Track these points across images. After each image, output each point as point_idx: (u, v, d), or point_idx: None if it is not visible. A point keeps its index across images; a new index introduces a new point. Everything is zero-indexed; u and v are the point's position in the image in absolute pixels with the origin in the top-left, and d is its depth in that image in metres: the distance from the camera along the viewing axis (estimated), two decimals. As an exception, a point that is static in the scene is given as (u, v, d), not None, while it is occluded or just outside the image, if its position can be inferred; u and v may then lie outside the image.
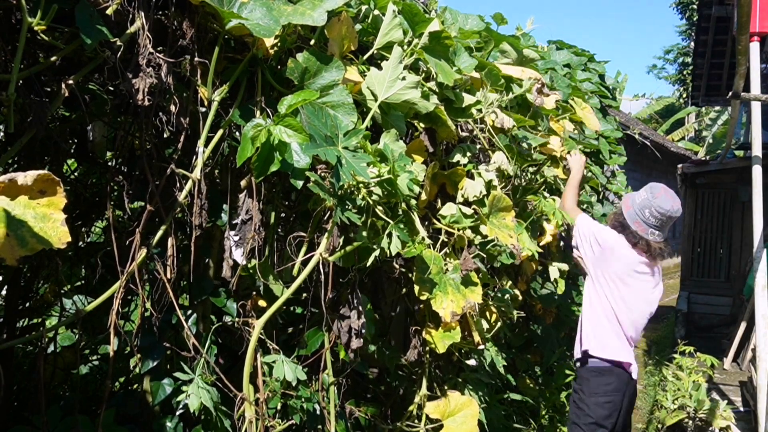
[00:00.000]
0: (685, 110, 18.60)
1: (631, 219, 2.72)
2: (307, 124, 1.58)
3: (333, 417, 1.98)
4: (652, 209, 2.68)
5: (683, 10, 20.91)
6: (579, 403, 2.75)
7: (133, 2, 1.48)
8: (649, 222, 2.69)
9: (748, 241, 6.64)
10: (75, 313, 1.58)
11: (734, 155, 7.99)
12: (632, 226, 2.71)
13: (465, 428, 2.19)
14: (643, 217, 2.70)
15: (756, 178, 3.74)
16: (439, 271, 2.03)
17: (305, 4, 1.65)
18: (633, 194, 2.84)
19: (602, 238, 2.78)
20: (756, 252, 3.74)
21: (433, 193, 2.27)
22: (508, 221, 2.29)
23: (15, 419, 1.91)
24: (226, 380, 1.70)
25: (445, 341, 2.13)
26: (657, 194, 2.72)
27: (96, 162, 2.16)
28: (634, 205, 2.74)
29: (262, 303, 1.91)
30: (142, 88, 1.45)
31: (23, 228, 1.05)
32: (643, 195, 2.75)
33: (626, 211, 2.76)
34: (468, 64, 2.27)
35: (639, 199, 2.75)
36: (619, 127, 4.76)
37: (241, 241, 1.72)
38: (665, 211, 2.68)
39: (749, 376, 5.32)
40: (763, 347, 3.56)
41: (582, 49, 4.37)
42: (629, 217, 2.74)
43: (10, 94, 1.26)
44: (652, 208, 2.68)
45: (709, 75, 8.00)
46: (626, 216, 2.75)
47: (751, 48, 3.82)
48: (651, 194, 2.72)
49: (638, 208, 2.72)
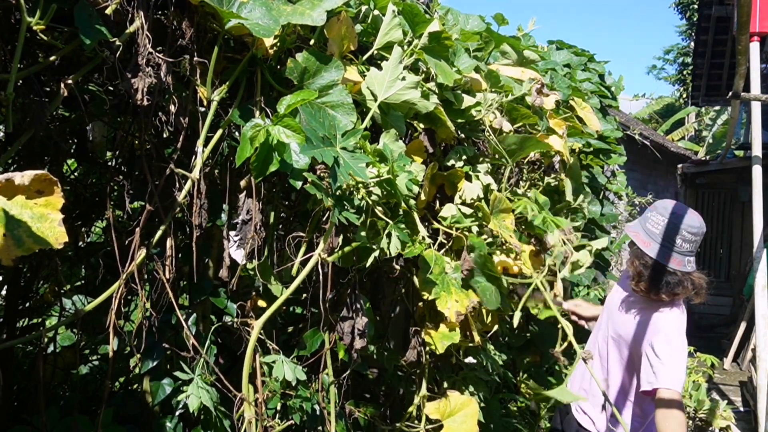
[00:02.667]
0: (685, 110, 18.59)
1: (661, 256, 2.03)
2: (306, 125, 1.58)
3: (333, 417, 1.98)
4: (683, 232, 2.03)
5: (683, 10, 20.91)
6: None
7: (133, 2, 1.48)
8: (683, 250, 2.03)
9: (748, 241, 6.64)
10: (75, 313, 1.58)
11: (734, 155, 8.00)
12: (670, 266, 2.02)
13: (465, 428, 2.19)
14: (677, 247, 2.02)
15: (756, 178, 3.74)
16: (441, 272, 2.03)
17: (304, 4, 1.65)
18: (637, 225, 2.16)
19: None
20: (756, 252, 3.74)
21: (432, 193, 2.26)
22: (508, 223, 2.29)
23: (15, 419, 1.91)
24: (226, 380, 1.70)
25: (444, 341, 2.13)
26: (677, 212, 2.07)
27: (96, 162, 2.16)
28: (653, 236, 2.05)
29: (262, 303, 1.91)
30: (142, 88, 1.45)
31: (20, 228, 1.04)
32: (657, 220, 2.09)
33: (647, 248, 2.05)
34: (467, 65, 2.27)
35: (655, 228, 2.06)
36: (619, 127, 4.76)
37: (242, 241, 1.72)
38: (698, 229, 2.04)
39: (749, 376, 5.32)
40: (763, 347, 3.56)
41: (582, 49, 4.36)
42: (658, 254, 2.03)
43: (9, 93, 1.25)
44: (683, 230, 2.03)
45: (709, 75, 8.02)
46: (652, 254, 2.04)
47: (751, 48, 3.82)
48: (670, 217, 2.06)
49: (664, 238, 2.03)
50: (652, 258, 2.05)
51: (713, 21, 6.85)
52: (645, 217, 2.15)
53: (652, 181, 12.51)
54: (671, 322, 2.07)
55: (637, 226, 2.17)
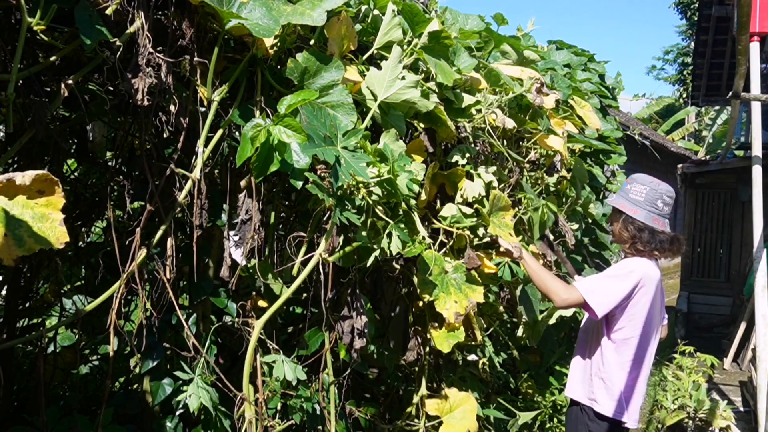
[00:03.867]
0: (685, 110, 18.59)
1: (649, 219, 2.33)
2: (306, 124, 1.58)
3: (333, 417, 1.98)
4: (663, 197, 2.35)
5: (683, 10, 20.91)
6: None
7: (133, 2, 1.48)
8: (664, 213, 2.35)
9: (748, 241, 6.65)
10: (75, 313, 1.58)
11: (734, 155, 8.00)
12: (657, 226, 2.32)
13: (464, 424, 2.20)
14: (659, 211, 2.34)
15: (756, 178, 3.74)
16: (440, 272, 2.03)
17: (305, 4, 1.65)
18: (621, 195, 2.43)
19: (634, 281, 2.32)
20: (756, 252, 3.74)
21: (433, 193, 2.27)
22: (507, 220, 2.29)
23: (15, 419, 1.90)
24: (226, 380, 1.70)
25: (449, 341, 2.13)
26: (654, 181, 2.39)
27: (96, 162, 2.16)
28: (639, 204, 2.35)
29: (262, 303, 1.91)
30: (142, 88, 1.45)
31: (21, 228, 1.05)
32: (639, 189, 2.37)
33: (635, 214, 2.34)
34: (467, 64, 2.27)
35: (640, 196, 2.36)
36: (619, 126, 4.76)
37: (241, 241, 1.72)
38: (673, 194, 2.37)
39: (749, 376, 5.32)
40: (763, 347, 3.56)
41: (582, 49, 4.37)
42: (646, 218, 2.33)
43: (9, 94, 1.25)
44: (663, 195, 2.35)
45: (709, 75, 8.01)
46: (642, 219, 2.33)
47: (751, 48, 3.82)
48: (650, 185, 2.37)
49: (647, 204, 2.34)
50: (642, 222, 2.34)
51: (713, 21, 6.85)
52: (625, 190, 2.42)
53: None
54: (633, 261, 2.36)
55: (620, 198, 2.43)
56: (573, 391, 2.52)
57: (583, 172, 3.38)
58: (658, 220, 2.35)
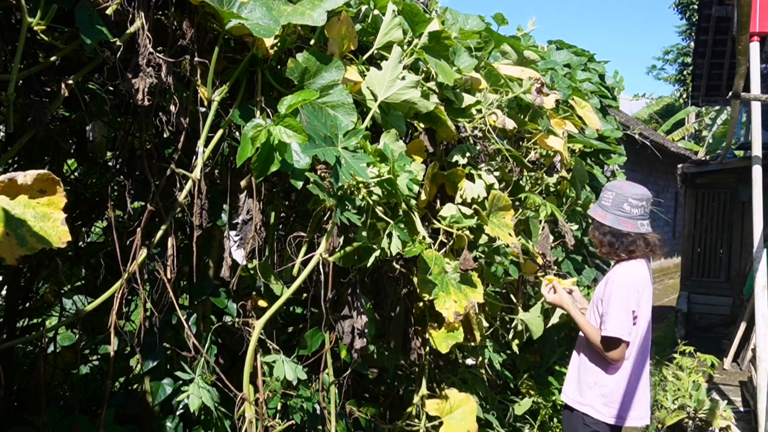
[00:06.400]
0: (685, 110, 18.58)
1: (616, 222, 2.42)
2: (306, 124, 1.58)
3: (333, 417, 1.98)
4: (629, 199, 2.41)
5: (683, 10, 20.90)
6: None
7: (133, 2, 1.48)
8: (633, 215, 2.42)
9: (748, 241, 6.64)
10: (75, 313, 1.58)
11: (734, 155, 7.99)
12: (623, 228, 2.41)
13: (464, 424, 2.20)
14: (627, 213, 2.41)
15: (756, 178, 3.74)
16: (440, 272, 2.03)
17: (305, 4, 1.65)
18: (594, 206, 2.57)
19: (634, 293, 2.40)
20: (756, 252, 3.74)
21: (433, 193, 2.27)
22: (507, 220, 2.29)
23: (15, 419, 1.90)
24: (226, 380, 1.70)
25: (448, 341, 2.14)
26: (622, 186, 2.47)
27: (96, 162, 2.16)
28: (607, 209, 2.45)
29: (262, 303, 1.91)
30: (142, 88, 1.45)
31: (23, 227, 1.05)
32: (607, 196, 2.47)
33: (604, 219, 2.44)
34: (468, 64, 2.27)
35: (607, 202, 2.46)
36: (619, 126, 4.76)
37: (242, 241, 1.72)
38: (641, 195, 2.43)
39: (749, 376, 5.32)
40: (763, 347, 3.56)
41: (582, 49, 4.37)
42: (613, 222, 2.42)
43: (9, 93, 1.26)
44: (629, 198, 2.41)
45: (709, 75, 8.00)
46: (609, 223, 2.43)
47: (751, 48, 3.82)
48: (616, 191, 2.45)
49: (614, 208, 2.43)
50: (608, 226, 2.46)
51: (713, 21, 6.84)
52: (599, 198, 2.57)
53: (652, 181, 12.51)
54: (621, 273, 2.45)
55: (594, 207, 2.59)
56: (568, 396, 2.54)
57: (583, 172, 3.38)
58: (627, 222, 2.43)
